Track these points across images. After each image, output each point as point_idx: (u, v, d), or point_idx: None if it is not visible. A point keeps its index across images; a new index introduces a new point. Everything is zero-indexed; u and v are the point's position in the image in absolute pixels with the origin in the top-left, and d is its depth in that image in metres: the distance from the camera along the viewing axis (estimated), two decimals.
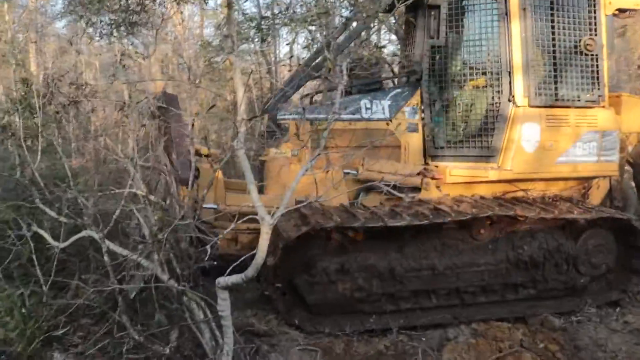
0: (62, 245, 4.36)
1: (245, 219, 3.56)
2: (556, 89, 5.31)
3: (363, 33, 5.82)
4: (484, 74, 5.36)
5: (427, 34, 5.33)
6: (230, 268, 3.53)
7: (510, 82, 5.20)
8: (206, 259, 3.59)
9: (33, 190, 4.77)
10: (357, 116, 5.27)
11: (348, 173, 5.33)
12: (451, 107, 5.47)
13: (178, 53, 12.41)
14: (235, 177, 6.68)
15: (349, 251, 4.69)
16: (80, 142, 9.73)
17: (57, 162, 5.03)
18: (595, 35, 5.27)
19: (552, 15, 5.20)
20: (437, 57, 5.49)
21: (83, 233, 4.27)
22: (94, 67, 17.04)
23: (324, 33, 3.85)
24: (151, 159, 4.45)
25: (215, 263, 3.90)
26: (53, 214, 4.63)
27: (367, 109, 5.37)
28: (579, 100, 5.31)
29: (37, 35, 15.61)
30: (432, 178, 5.28)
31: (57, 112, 5.49)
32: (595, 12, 5.29)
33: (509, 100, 5.19)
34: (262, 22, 4.61)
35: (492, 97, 5.30)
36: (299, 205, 3.68)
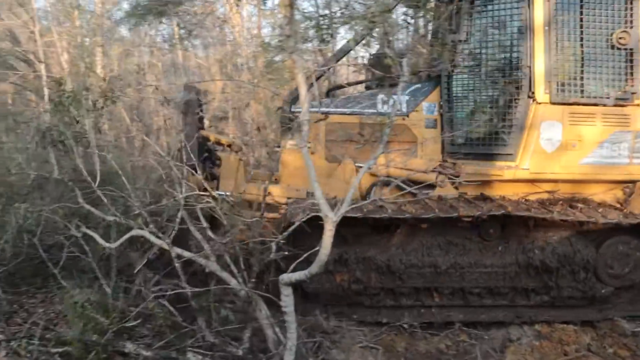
0: (114, 245, 4.43)
1: None
2: (582, 85, 4.95)
3: (422, 29, 5.73)
4: (504, 69, 5.09)
5: (449, 29, 5.14)
6: (293, 265, 3.59)
7: (530, 78, 4.91)
8: (272, 255, 3.64)
9: (77, 190, 4.78)
10: (372, 111, 5.19)
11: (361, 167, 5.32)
12: (470, 103, 5.25)
13: (237, 53, 12.64)
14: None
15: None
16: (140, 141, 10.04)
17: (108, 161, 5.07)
18: (631, 27, 4.86)
19: (581, 6, 4.84)
20: (457, 52, 5.22)
21: (133, 232, 4.32)
22: (156, 69, 17.61)
23: (384, 30, 3.81)
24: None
25: None
26: (101, 214, 4.69)
27: (383, 103, 5.30)
28: (607, 98, 4.93)
29: (104, 39, 16.27)
30: (448, 176, 5.13)
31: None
32: (631, 3, 4.88)
33: (529, 97, 4.92)
34: (321, 21, 4.64)
35: (512, 94, 5.01)
36: (362, 203, 3.67)
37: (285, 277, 3.51)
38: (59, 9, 16.51)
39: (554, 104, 4.90)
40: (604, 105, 4.91)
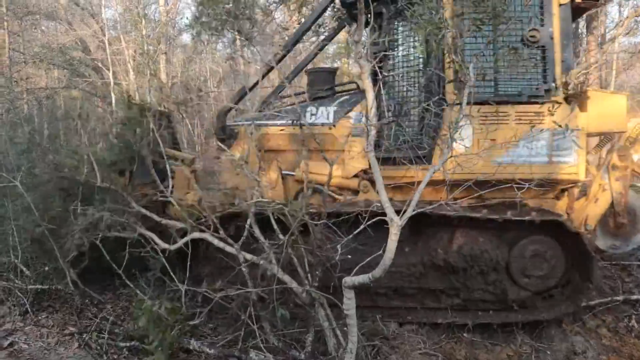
0: (174, 247, 4.56)
1: None
2: (492, 84, 4.73)
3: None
4: (417, 74, 4.95)
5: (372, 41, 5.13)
6: (357, 268, 3.62)
7: (439, 82, 4.72)
8: (337, 258, 3.68)
9: (126, 195, 4.95)
10: (301, 121, 5.21)
11: (287, 174, 5.37)
12: (392, 111, 5.10)
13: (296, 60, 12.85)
14: None
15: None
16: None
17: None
18: (542, 26, 4.64)
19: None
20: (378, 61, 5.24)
21: (194, 235, 4.45)
22: (217, 75, 18.13)
23: (451, 35, 3.80)
24: None
25: None
26: (156, 217, 4.83)
27: (311, 115, 5.36)
28: (520, 96, 4.69)
29: (167, 47, 16.92)
30: (371, 182, 5.00)
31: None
32: (542, 2, 4.68)
33: (441, 99, 4.70)
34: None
35: (427, 99, 4.78)
36: (426, 208, 3.67)
37: (348, 280, 3.53)
38: (127, 19, 17.32)
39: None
40: (518, 103, 4.67)
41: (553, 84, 4.70)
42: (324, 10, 5.91)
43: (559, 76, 4.70)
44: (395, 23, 5.10)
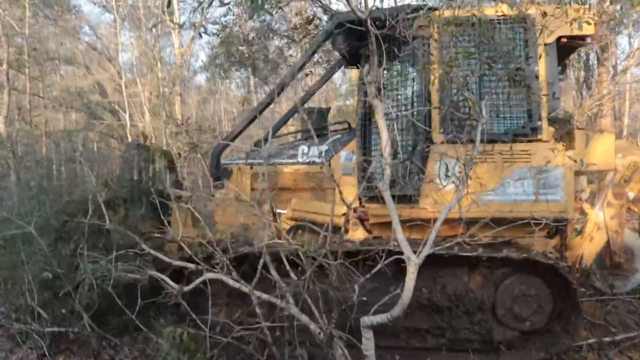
0: (186, 289, 4.47)
1: None
2: (477, 123, 4.68)
3: None
4: (405, 116, 4.91)
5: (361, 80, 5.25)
6: (375, 307, 3.58)
7: (425, 121, 4.72)
8: (355, 297, 3.65)
9: (137, 238, 4.92)
10: (292, 160, 5.25)
11: (278, 212, 5.33)
12: (380, 150, 5.19)
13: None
14: None
15: None
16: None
17: None
18: (528, 65, 4.63)
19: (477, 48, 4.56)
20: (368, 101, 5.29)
21: (207, 275, 4.36)
22: (231, 114, 18.39)
23: (463, 74, 3.86)
24: None
25: None
26: (166, 259, 4.77)
27: (304, 154, 5.45)
28: (505, 134, 4.67)
29: (182, 88, 17.28)
30: (360, 219, 4.98)
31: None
32: (527, 41, 4.70)
33: (427, 138, 4.72)
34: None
35: (413, 138, 4.86)
36: (445, 245, 3.64)
37: (367, 319, 3.49)
38: (143, 62, 17.77)
39: (450, 142, 4.61)
40: (503, 142, 4.62)
41: (539, 123, 4.69)
42: (313, 54, 6.10)
43: (545, 115, 4.70)
44: (386, 63, 5.12)
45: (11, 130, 14.71)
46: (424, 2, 4.80)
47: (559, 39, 4.73)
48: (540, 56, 4.69)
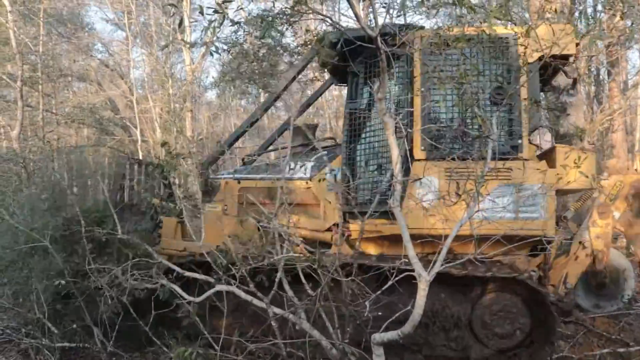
0: (198, 300, 4.48)
1: None
2: (458, 140, 4.69)
3: None
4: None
5: (347, 97, 5.46)
6: (386, 324, 3.56)
7: (407, 137, 4.68)
8: (366, 313, 3.63)
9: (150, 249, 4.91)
10: (279, 176, 5.28)
11: (263, 226, 5.28)
12: (363, 166, 5.27)
13: (320, 114, 13.13)
14: None
15: None
16: None
17: None
18: (508, 83, 4.66)
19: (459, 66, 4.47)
20: (354, 118, 5.39)
21: (218, 288, 4.37)
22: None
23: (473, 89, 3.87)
24: None
25: None
26: (179, 269, 4.74)
27: (290, 169, 5.51)
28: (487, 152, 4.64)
29: (193, 104, 17.39)
30: (343, 234, 4.93)
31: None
32: (508, 61, 4.75)
33: (408, 155, 4.68)
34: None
35: (395, 155, 4.83)
36: (455, 263, 3.63)
37: (377, 336, 3.47)
38: (154, 78, 17.93)
39: (430, 160, 4.75)
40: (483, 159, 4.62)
41: (520, 141, 4.71)
42: (300, 71, 6.20)
43: (526, 133, 4.72)
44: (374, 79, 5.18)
45: (24, 146, 14.84)
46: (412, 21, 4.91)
47: (540, 58, 4.69)
48: (522, 75, 4.67)
